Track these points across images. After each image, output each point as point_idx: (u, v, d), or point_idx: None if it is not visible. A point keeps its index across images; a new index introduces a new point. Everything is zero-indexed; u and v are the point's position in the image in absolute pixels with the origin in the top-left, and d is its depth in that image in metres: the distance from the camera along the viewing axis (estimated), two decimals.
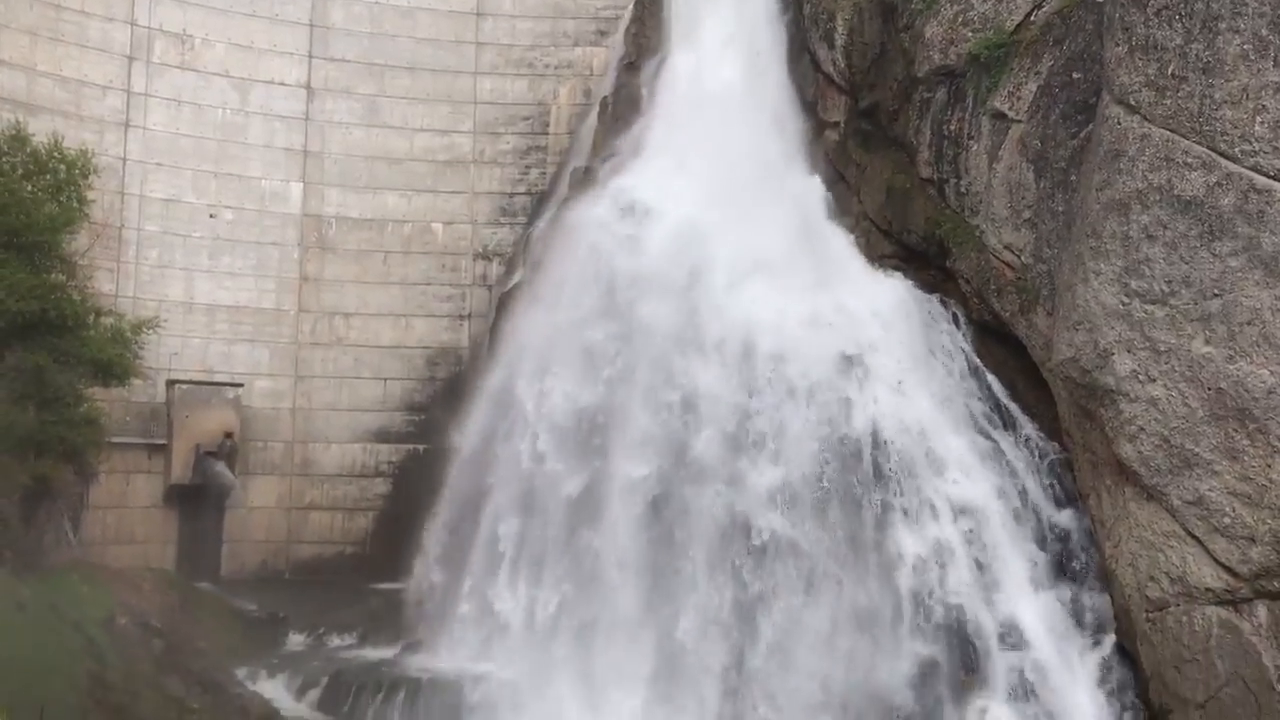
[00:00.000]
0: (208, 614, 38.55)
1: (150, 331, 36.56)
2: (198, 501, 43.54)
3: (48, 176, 35.06)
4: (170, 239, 45.15)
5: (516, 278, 43.93)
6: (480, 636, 35.76)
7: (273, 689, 33.52)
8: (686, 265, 34.37)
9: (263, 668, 35.37)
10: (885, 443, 29.75)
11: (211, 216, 45.95)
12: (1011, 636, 27.01)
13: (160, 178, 44.99)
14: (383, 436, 47.22)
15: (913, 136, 33.76)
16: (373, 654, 37.59)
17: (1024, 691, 26.31)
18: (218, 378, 44.94)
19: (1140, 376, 24.62)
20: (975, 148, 31.57)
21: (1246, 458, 23.08)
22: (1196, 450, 23.86)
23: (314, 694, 33.62)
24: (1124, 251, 24.98)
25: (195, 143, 45.69)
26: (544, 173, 48.50)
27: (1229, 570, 23.35)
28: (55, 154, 35.22)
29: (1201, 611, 23.74)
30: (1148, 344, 24.53)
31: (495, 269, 48.02)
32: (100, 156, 38.71)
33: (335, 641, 39.70)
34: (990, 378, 31.09)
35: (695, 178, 35.81)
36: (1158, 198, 24.54)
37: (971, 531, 28.37)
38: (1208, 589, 23.69)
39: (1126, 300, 24.88)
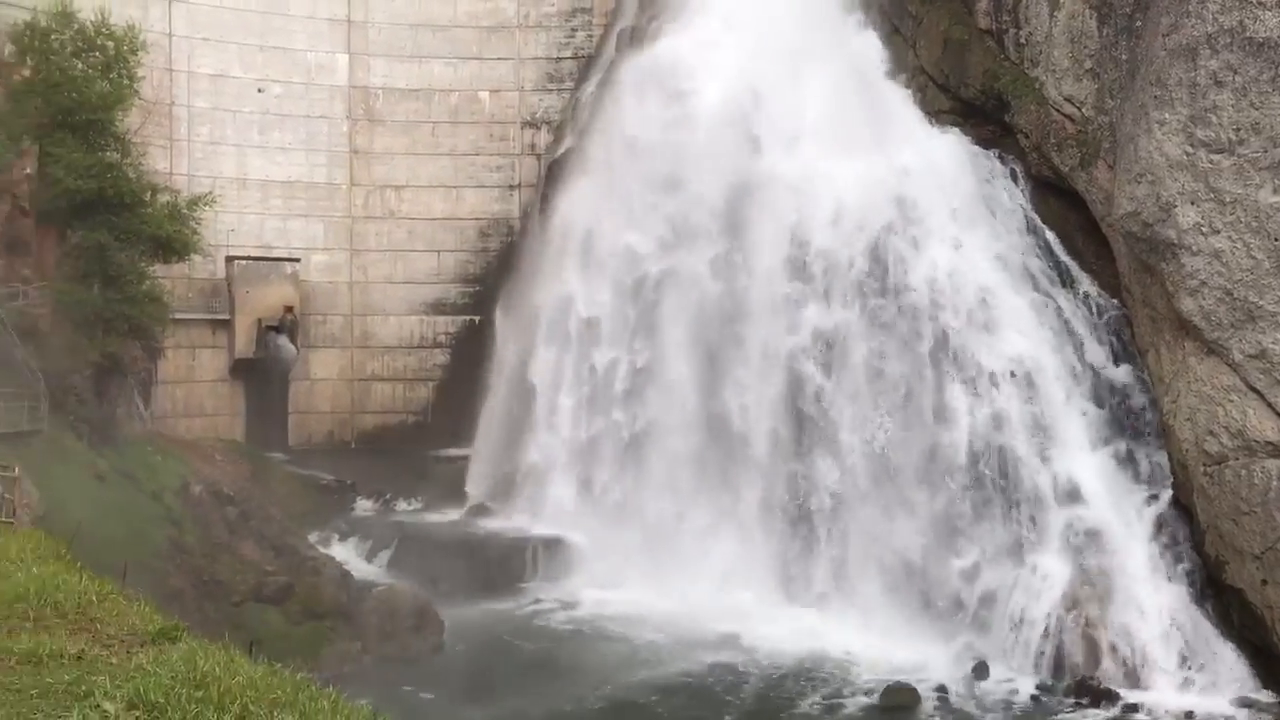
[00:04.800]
0: (278, 482, 39.87)
1: (207, 207, 36.87)
2: (262, 375, 44.55)
3: (96, 54, 35.00)
4: (220, 115, 45.16)
5: (566, 145, 43.53)
6: (539, 502, 36.78)
7: (344, 552, 34.84)
8: (737, 127, 33.86)
9: (333, 532, 36.71)
10: (941, 300, 29.56)
11: (260, 91, 45.80)
12: (1067, 492, 27.13)
13: (207, 53, 44.78)
14: (439, 308, 47.68)
15: None
16: (437, 517, 38.82)
17: (1079, 546, 26.53)
18: (275, 253, 45.43)
19: (1203, 229, 24.08)
20: None
21: None
22: (1260, 303, 23.43)
23: (384, 555, 34.93)
24: (1190, 99, 24.17)
25: (238, 16, 45.29)
26: (590, 35, 47.55)
27: None
28: (103, 30, 35.09)
29: (1261, 465, 23.63)
30: (1212, 195, 23.91)
31: (544, 136, 47.55)
32: (146, 32, 38.44)
33: (401, 506, 41.01)
34: (1049, 234, 30.58)
35: (744, 35, 34.94)
36: (1228, 41, 23.60)
37: (1028, 388, 28.30)
38: (1268, 442, 23.54)
39: (1191, 150, 24.17)
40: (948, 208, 30.73)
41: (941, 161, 31.46)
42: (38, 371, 29.34)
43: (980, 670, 25.47)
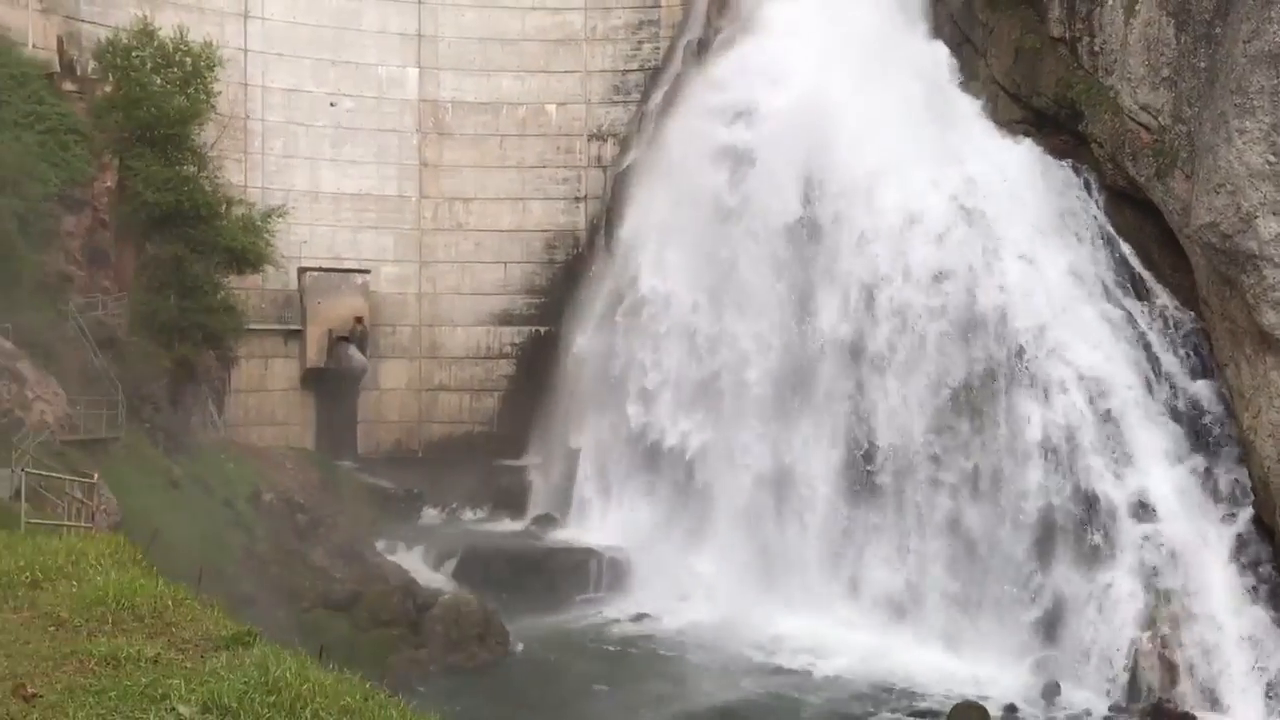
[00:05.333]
0: (347, 490, 40.39)
1: (279, 219, 37.57)
2: (333, 384, 45.21)
3: (175, 70, 35.88)
4: (293, 129, 46.00)
5: (631, 157, 43.65)
6: (603, 513, 36.82)
7: (411, 560, 35.15)
8: (806, 140, 33.66)
9: (401, 540, 37.08)
10: (1013, 313, 29.10)
11: (332, 105, 46.58)
12: (1142, 509, 26.50)
13: (281, 68, 45.66)
14: (505, 319, 48.03)
15: None
16: (503, 527, 39.06)
17: (1154, 564, 25.90)
18: (346, 264, 46.11)
19: None
20: (1110, 2, 29.91)
21: None
22: None
23: (450, 564, 35.18)
24: (1272, 107, 23.59)
25: (312, 31, 46.13)
26: (657, 47, 47.67)
27: None
28: (181, 47, 35.96)
29: None
30: None
31: (610, 149, 47.74)
32: (222, 48, 39.36)
33: (468, 515, 41.35)
34: (1124, 246, 29.97)
35: (812, 46, 34.77)
36: None
37: (1102, 402, 27.72)
38: None
39: (1274, 159, 23.57)
40: (1020, 219, 30.27)
41: (1014, 172, 31.02)
42: (116, 380, 30.05)
43: (1051, 690, 24.97)
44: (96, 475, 22.10)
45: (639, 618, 30.70)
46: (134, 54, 35.56)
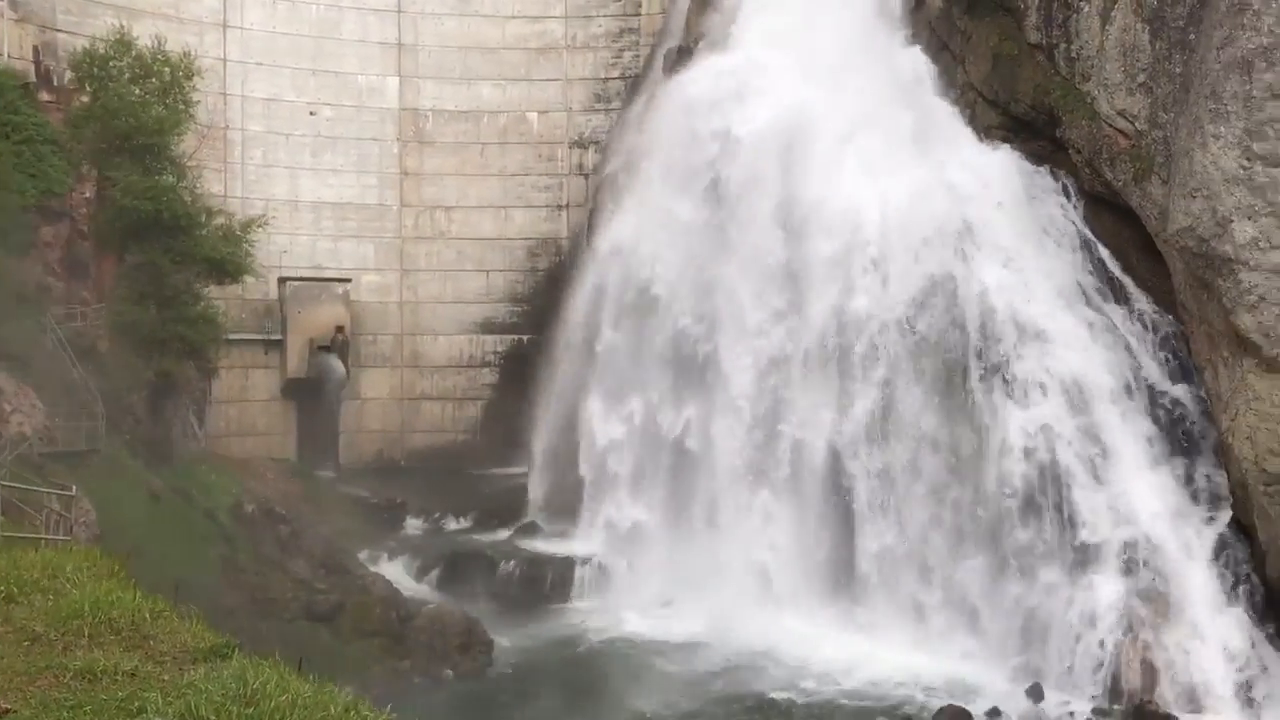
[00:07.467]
0: (329, 501, 40.20)
1: (259, 229, 37.42)
2: (314, 394, 45.02)
3: (153, 80, 35.75)
4: (273, 138, 45.88)
5: (613, 164, 43.68)
6: (588, 523, 36.72)
7: (394, 571, 34.95)
8: (785, 146, 33.75)
9: (383, 551, 36.87)
10: (992, 317, 29.23)
11: (311, 114, 46.48)
12: (1123, 512, 26.64)
13: (260, 77, 45.55)
14: (488, 327, 47.96)
15: (1020, 0, 32.33)
16: (486, 537, 38.88)
17: (1135, 567, 26.04)
18: (326, 274, 45.97)
19: (1261, 244, 23.64)
20: (1087, 9, 30.11)
21: None
22: None
23: (434, 575, 35.00)
24: (1246, 113, 23.78)
25: (292, 40, 46.05)
26: (637, 55, 47.79)
27: None
28: (159, 57, 35.85)
29: None
30: (1270, 210, 23.49)
31: (591, 157, 47.80)
32: (201, 58, 39.28)
33: (451, 525, 41.12)
34: (1102, 250, 30.15)
35: (791, 53, 34.88)
36: None
37: (1082, 406, 27.86)
38: None
39: (1248, 164, 23.76)
40: (998, 224, 30.42)
41: (992, 178, 31.17)
42: (95, 391, 29.87)
43: (1035, 692, 25.07)
44: (75, 488, 21.97)
45: (622, 624, 30.63)
46: (111, 64, 35.43)
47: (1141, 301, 29.34)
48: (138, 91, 35.23)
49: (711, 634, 28.96)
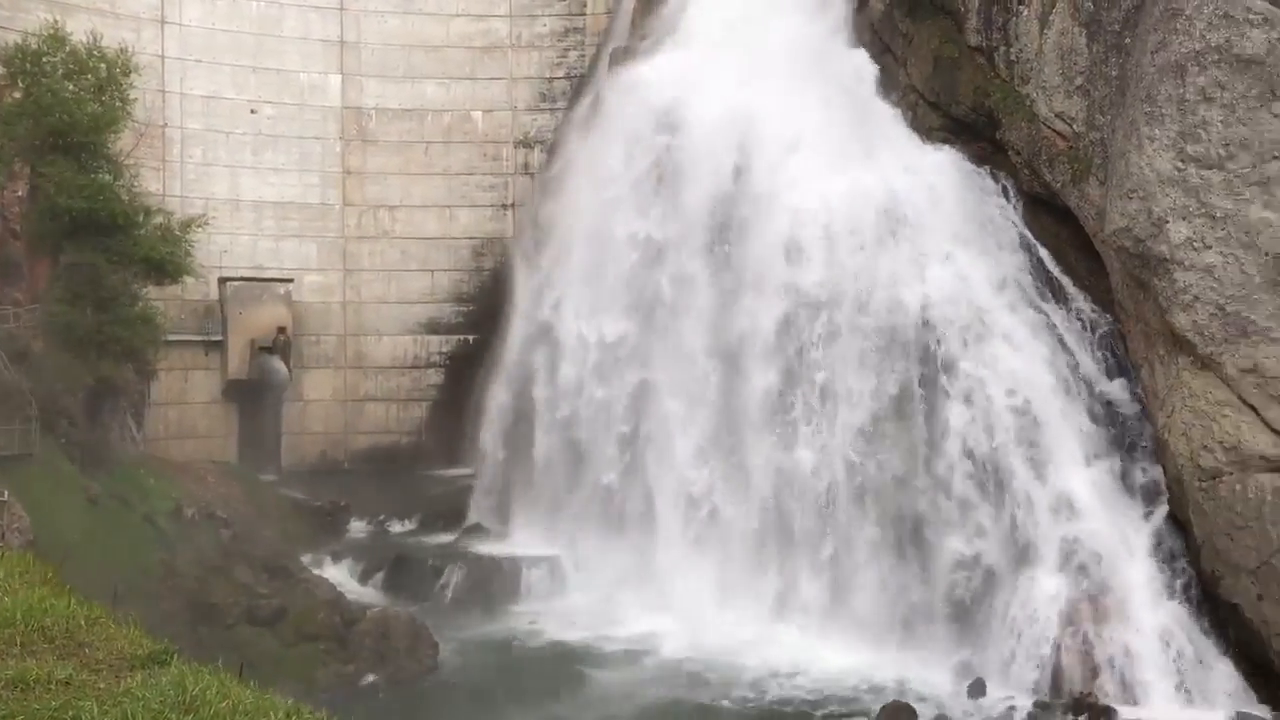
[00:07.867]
0: (271, 504, 39.70)
1: (199, 229, 36.91)
2: (255, 396, 44.45)
3: (89, 76, 35.10)
4: (213, 136, 45.24)
5: (558, 164, 43.60)
6: (534, 523, 36.61)
7: (338, 574, 34.62)
8: (727, 147, 33.88)
9: (327, 554, 36.49)
10: (933, 317, 29.56)
11: (252, 112, 45.90)
12: (1063, 508, 27.05)
13: (199, 74, 44.89)
14: (433, 328, 47.66)
15: (960, 3, 32.71)
16: (432, 539, 38.63)
17: (1075, 562, 26.45)
18: (268, 274, 45.42)
19: (1195, 244, 24.12)
20: (1025, 13, 30.56)
21: None
22: (1252, 317, 23.45)
23: (378, 578, 34.69)
24: (1180, 115, 24.25)
25: (232, 37, 45.43)
26: (583, 55, 47.76)
27: None
28: (95, 53, 35.20)
29: (1255, 480, 23.61)
30: (1203, 210, 23.96)
31: (537, 156, 47.68)
32: (139, 55, 38.58)
33: (396, 528, 40.80)
34: (1041, 250, 30.60)
35: (735, 55, 35.03)
36: (1216, 58, 23.68)
37: (1022, 404, 28.26)
38: (1262, 457, 23.53)
39: (1182, 166, 24.23)
40: (939, 224, 30.77)
41: (933, 179, 31.50)
42: (29, 394, 29.26)
43: (977, 688, 25.35)
44: (6, 493, 21.50)
45: (569, 625, 30.56)
46: (44, 59, 34.72)
47: (1080, 300, 29.82)
48: (72, 88, 34.57)
49: (654, 633, 28.97)
